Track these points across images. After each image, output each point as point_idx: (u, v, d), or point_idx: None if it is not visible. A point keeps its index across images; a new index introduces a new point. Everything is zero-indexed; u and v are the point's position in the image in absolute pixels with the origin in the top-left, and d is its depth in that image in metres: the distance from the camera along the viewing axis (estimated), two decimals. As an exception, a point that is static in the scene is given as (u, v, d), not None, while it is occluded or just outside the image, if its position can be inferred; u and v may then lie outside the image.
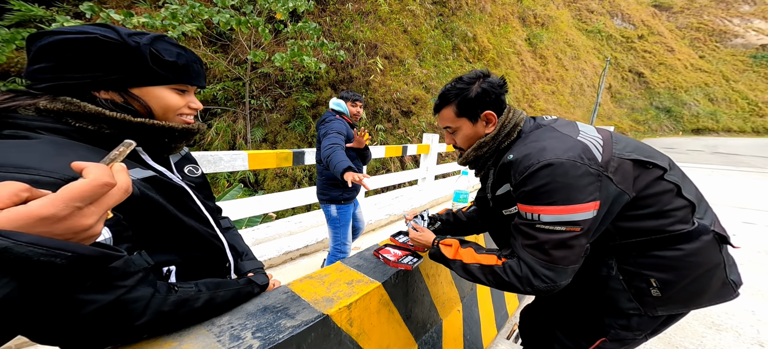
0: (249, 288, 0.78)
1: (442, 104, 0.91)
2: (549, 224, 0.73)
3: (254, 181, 6.68)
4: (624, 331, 0.86)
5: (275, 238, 2.89)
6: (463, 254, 0.90)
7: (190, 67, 0.63)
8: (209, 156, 2.11)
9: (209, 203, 0.75)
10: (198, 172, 0.77)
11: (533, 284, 0.76)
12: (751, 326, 2.03)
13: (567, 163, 0.72)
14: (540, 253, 0.75)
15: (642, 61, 37.00)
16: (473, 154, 0.91)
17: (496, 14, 15.46)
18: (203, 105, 6.79)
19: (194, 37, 5.68)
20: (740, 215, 4.77)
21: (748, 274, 2.78)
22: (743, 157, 14.51)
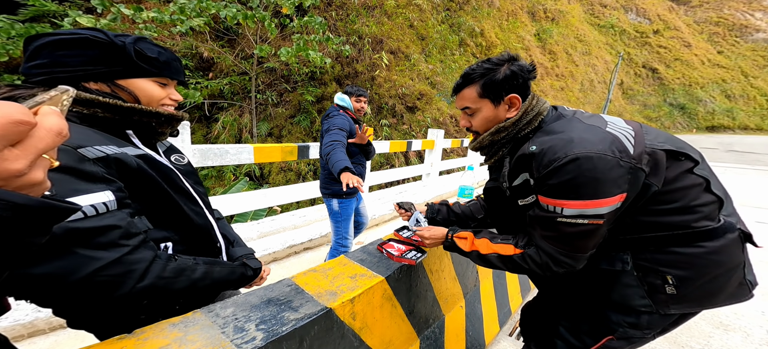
0: (242, 270, 0.82)
1: (464, 84, 0.87)
2: (571, 217, 0.72)
3: (260, 174, 6.74)
4: (632, 329, 0.83)
5: (280, 231, 2.92)
6: (478, 245, 0.91)
7: (170, 64, 0.71)
8: (216, 149, 2.13)
9: (198, 187, 0.81)
10: (184, 161, 0.83)
11: (553, 269, 0.79)
12: (760, 327, 1.99)
13: (595, 157, 0.69)
14: (560, 244, 0.76)
15: (656, 56, 35.95)
16: (489, 138, 0.87)
17: (504, 9, 15.18)
18: (211, 99, 6.86)
19: (202, 31, 5.71)
20: (753, 214, 4.66)
21: (758, 274, 2.70)
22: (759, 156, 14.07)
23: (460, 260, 1.45)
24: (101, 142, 0.57)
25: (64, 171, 0.49)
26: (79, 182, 0.50)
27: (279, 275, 2.44)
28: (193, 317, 0.70)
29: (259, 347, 0.63)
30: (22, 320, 1.53)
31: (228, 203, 2.45)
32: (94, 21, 3.51)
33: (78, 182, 0.50)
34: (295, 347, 0.71)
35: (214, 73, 7.03)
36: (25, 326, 1.54)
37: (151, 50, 0.66)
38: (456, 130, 8.65)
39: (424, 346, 1.20)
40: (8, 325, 1.51)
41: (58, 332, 1.61)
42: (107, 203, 0.53)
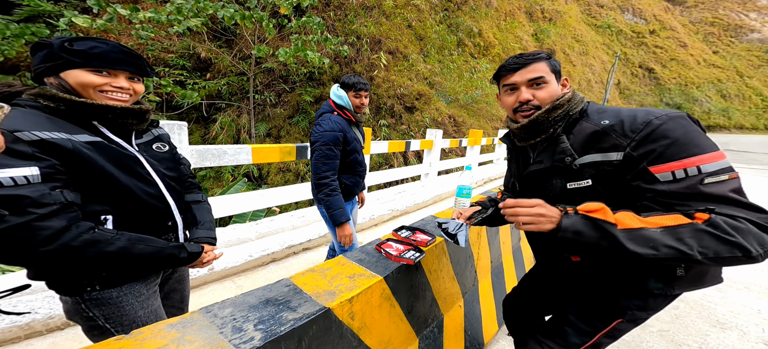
0: (174, 251, 0.88)
1: (533, 59, 0.86)
2: (714, 172, 0.62)
3: (258, 175, 6.73)
4: (640, 311, 0.84)
5: (278, 232, 2.92)
6: (623, 219, 0.67)
7: (105, 55, 0.78)
8: (214, 150, 2.12)
9: (168, 173, 0.93)
10: (164, 149, 0.97)
11: (765, 241, 0.59)
12: (756, 325, 2.01)
13: (685, 115, 0.69)
14: (744, 208, 0.62)
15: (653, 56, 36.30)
16: (545, 115, 0.84)
17: (502, 9, 15.23)
18: (209, 100, 6.83)
19: (199, 31, 5.71)
20: None
21: (754, 273, 2.73)
22: (755, 155, 14.28)
23: (458, 259, 1.45)
24: (47, 128, 0.69)
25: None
26: (6, 158, 0.62)
27: (278, 276, 2.45)
28: (191, 317, 0.70)
29: (257, 347, 0.63)
30: (19, 321, 1.52)
31: (226, 204, 2.45)
32: (90, 21, 3.50)
33: (5, 158, 0.62)
34: (293, 347, 0.71)
35: (211, 74, 7.01)
36: (22, 328, 1.53)
37: (82, 45, 0.76)
38: (454, 130, 8.67)
39: (423, 345, 1.20)
40: (5, 326, 1.50)
41: (55, 333, 1.60)
42: (29, 177, 0.64)
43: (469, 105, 10.16)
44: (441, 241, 1.31)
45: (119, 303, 0.83)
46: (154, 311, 0.92)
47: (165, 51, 6.31)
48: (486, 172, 6.57)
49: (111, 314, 0.83)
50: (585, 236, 0.69)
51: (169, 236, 0.94)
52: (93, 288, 0.80)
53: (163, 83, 4.77)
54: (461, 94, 9.82)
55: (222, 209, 2.44)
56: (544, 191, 0.88)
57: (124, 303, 0.84)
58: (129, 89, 0.83)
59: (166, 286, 1.05)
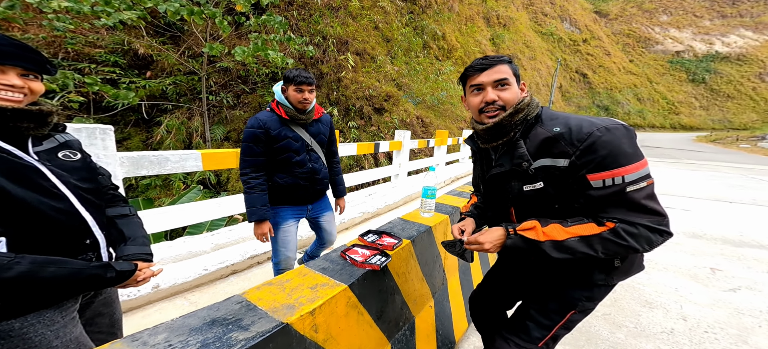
0: (99, 271, 0.78)
1: (497, 61, 0.91)
2: (635, 181, 0.76)
3: (216, 182, 6.24)
4: (588, 302, 0.93)
5: (239, 242, 2.70)
6: (551, 232, 0.83)
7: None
8: (152, 156, 1.87)
9: (81, 184, 0.82)
10: (75, 157, 0.85)
11: (653, 241, 0.77)
12: (675, 302, 2.28)
13: (622, 128, 0.79)
14: (646, 214, 0.77)
15: (586, 63, 40.97)
16: (508, 119, 0.89)
17: (463, 14, 15.96)
18: (151, 101, 6.17)
19: (136, 26, 5.12)
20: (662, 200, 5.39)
21: (671, 255, 3.15)
22: (664, 150, 17.01)
23: (426, 260, 1.44)
24: None
25: None
26: None
27: (240, 288, 2.26)
28: (111, 348, 0.58)
29: (198, 380, 0.54)
30: None
31: (175, 215, 2.20)
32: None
33: None
34: (246, 374, 0.62)
35: (153, 72, 6.33)
36: None
37: None
38: (422, 131, 8.86)
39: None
40: None
41: None
42: None
43: (436, 106, 10.46)
44: (408, 243, 1.29)
45: (24, 335, 0.71)
46: (75, 339, 0.79)
47: (90, 45, 5.53)
48: (453, 171, 6.79)
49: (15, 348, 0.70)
50: (522, 249, 0.87)
51: (88, 256, 0.82)
52: None
53: (87, 81, 4.15)
54: (428, 95, 10.07)
55: (171, 220, 2.19)
56: (504, 192, 0.95)
57: (32, 334, 0.72)
58: (23, 88, 0.72)
59: (89, 310, 0.90)
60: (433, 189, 1.56)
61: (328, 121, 1.81)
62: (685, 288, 2.50)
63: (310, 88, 1.55)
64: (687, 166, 10.36)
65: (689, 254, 3.20)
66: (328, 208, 1.89)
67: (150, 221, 2.07)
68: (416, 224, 1.51)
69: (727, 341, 1.87)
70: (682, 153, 15.64)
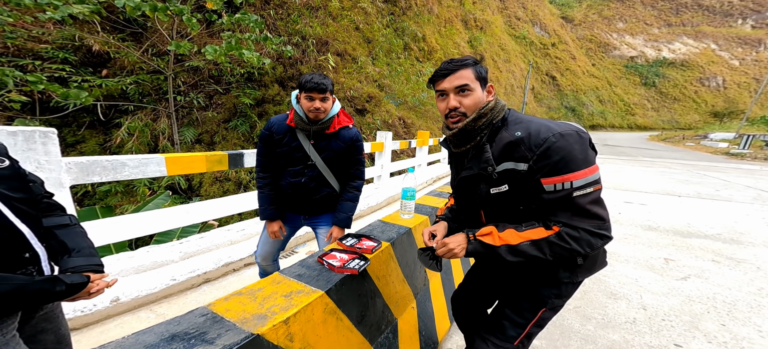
0: (45, 285, 0.72)
1: (461, 66, 0.91)
2: (581, 187, 0.80)
3: (188, 187, 5.90)
4: (557, 299, 0.97)
5: (212, 249, 2.56)
6: (506, 237, 0.88)
7: None
8: (105, 161, 1.70)
9: (13, 194, 0.76)
10: (3, 164, 0.79)
11: (593, 244, 0.82)
12: (636, 293, 2.44)
13: (575, 134, 0.82)
14: (589, 218, 0.81)
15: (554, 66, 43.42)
16: (471, 124, 0.91)
17: (442, 16, 16.30)
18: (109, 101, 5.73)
19: (90, 20, 4.71)
20: (622, 195, 5.85)
21: (630, 247, 3.37)
22: (623, 148, 18.51)
23: (407, 261, 1.43)
24: None
25: None
26: None
27: (213, 298, 2.13)
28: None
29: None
30: None
31: (138, 223, 2.04)
32: None
33: None
34: (211, 394, 0.57)
35: (110, 71, 5.86)
36: None
37: None
38: (404, 132, 8.91)
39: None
40: None
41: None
42: None
43: (417, 107, 10.57)
44: (387, 245, 1.27)
45: None
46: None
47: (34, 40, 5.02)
48: (434, 171, 6.88)
49: None
50: (481, 253, 0.92)
51: (28, 270, 0.76)
52: None
53: (30, 79, 3.75)
54: (409, 96, 10.16)
55: (134, 229, 2.03)
56: (473, 195, 0.97)
57: None
58: None
59: (28, 327, 0.82)
60: (412, 190, 1.56)
61: (348, 139, 1.54)
62: (643, 278, 2.67)
63: (323, 96, 1.38)
64: (642, 164, 11.17)
65: (646, 245, 3.44)
66: (327, 224, 1.67)
67: (110, 229, 1.90)
68: (396, 226, 1.49)
69: (681, 327, 2.02)
70: (638, 151, 16.94)
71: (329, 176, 1.56)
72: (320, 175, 1.54)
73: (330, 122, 1.48)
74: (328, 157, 1.52)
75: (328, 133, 1.49)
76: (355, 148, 1.57)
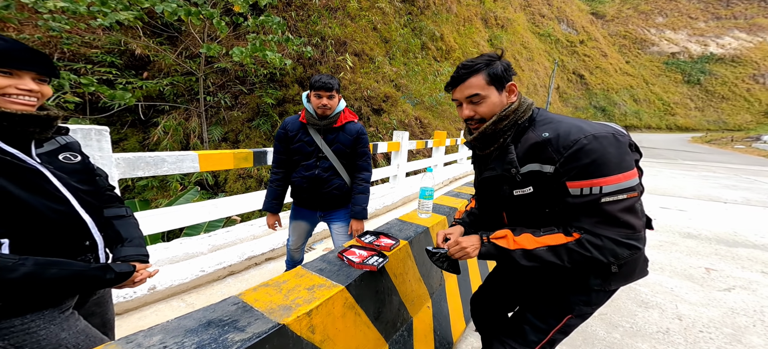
0: (98, 273, 0.79)
1: (469, 73, 0.87)
2: (612, 193, 0.75)
3: (214, 183, 6.21)
4: (586, 306, 0.92)
5: (237, 243, 2.69)
6: (522, 241, 0.85)
7: (9, 53, 0.68)
8: (148, 158, 1.86)
9: (81, 186, 0.83)
10: (76, 160, 0.86)
11: (618, 254, 0.76)
12: (671, 302, 2.30)
13: (611, 136, 0.76)
14: (616, 227, 0.76)
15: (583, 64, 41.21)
16: (492, 127, 0.88)
17: (461, 15, 16.02)
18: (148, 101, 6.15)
19: (132, 26, 5.10)
20: (658, 200, 5.48)
21: (665, 254, 3.16)
22: (660, 150, 17.27)
23: (424, 261, 1.45)
24: None
25: None
26: None
27: (237, 290, 2.25)
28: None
29: (194, 382, 0.54)
30: None
31: (172, 216, 2.19)
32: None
33: None
34: (242, 375, 0.62)
35: (150, 73, 6.31)
36: None
37: None
38: (421, 132, 8.87)
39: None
40: None
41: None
42: None
43: (434, 107, 10.48)
44: (405, 244, 1.29)
45: (28, 330, 0.74)
46: (83, 330, 0.83)
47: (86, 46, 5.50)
48: (451, 171, 6.80)
49: (23, 342, 0.73)
50: (494, 255, 0.90)
51: (87, 257, 0.83)
52: None
53: (83, 82, 4.13)
54: (426, 96, 10.09)
55: (168, 221, 2.18)
56: (496, 196, 0.94)
57: (36, 328, 0.75)
58: (37, 92, 0.73)
59: (81, 310, 0.91)
60: (430, 190, 1.57)
61: (354, 132, 1.69)
62: (680, 288, 2.51)
63: (329, 94, 1.53)
64: (682, 167, 10.45)
65: (684, 253, 3.22)
66: (340, 219, 1.81)
67: (146, 222, 2.06)
68: (414, 225, 1.51)
69: (721, 340, 1.89)
70: (678, 154, 15.80)
71: (340, 167, 1.71)
72: (331, 166, 1.69)
73: (337, 117, 1.63)
74: (337, 150, 1.68)
75: (335, 127, 1.65)
76: (360, 140, 1.71)
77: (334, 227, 1.83)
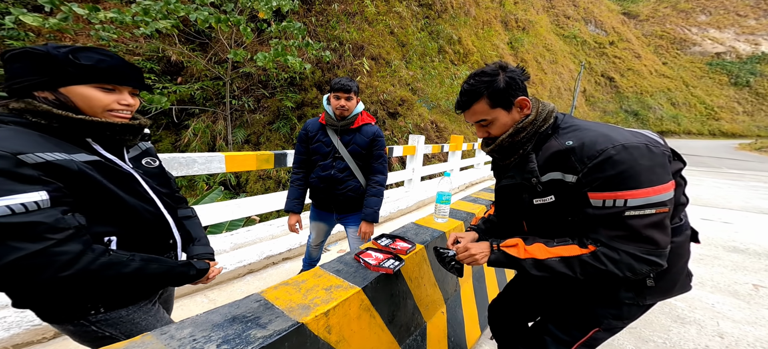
0: (184, 269, 0.86)
1: (471, 100, 0.85)
2: (638, 207, 0.70)
3: (236, 183, 6.47)
4: (615, 320, 0.88)
5: (256, 242, 2.79)
6: (533, 251, 0.82)
7: (112, 70, 0.73)
8: (181, 158, 1.98)
9: (162, 189, 0.89)
10: (155, 164, 0.92)
11: (636, 269, 0.72)
12: (711, 319, 2.13)
13: (643, 147, 0.71)
14: (637, 242, 0.72)
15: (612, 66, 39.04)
16: (508, 140, 0.85)
17: (480, 18, 15.80)
18: (180, 105, 6.53)
19: (170, 34, 5.45)
20: (699, 211, 5.08)
21: (707, 269, 2.93)
22: (701, 158, 15.85)
23: (439, 266, 1.44)
24: (47, 148, 0.64)
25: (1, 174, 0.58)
26: (12, 183, 0.58)
27: (255, 288, 2.33)
28: (142, 341, 0.63)
29: (220, 372, 0.58)
30: None
31: (200, 214, 2.31)
32: (41, 20, 3.23)
33: (12, 183, 0.58)
34: (262, 369, 0.65)
35: (183, 78, 6.71)
36: None
37: (88, 59, 0.69)
38: (437, 136, 8.81)
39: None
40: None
41: None
42: (39, 202, 0.60)
43: (451, 111, 10.38)
44: (421, 248, 1.29)
45: (133, 320, 0.83)
46: (167, 321, 0.91)
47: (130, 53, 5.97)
48: (467, 176, 6.69)
49: (130, 332, 0.81)
50: (504, 263, 0.88)
51: (170, 254, 0.91)
52: (97, 311, 0.77)
53: None
54: (443, 100, 10.02)
55: (195, 219, 2.31)
56: (515, 204, 0.92)
57: (138, 319, 0.83)
58: (133, 105, 0.80)
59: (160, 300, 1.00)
60: (447, 195, 1.56)
61: (370, 134, 1.70)
62: (722, 304, 2.33)
63: (347, 95, 1.58)
64: (727, 176, 9.64)
65: (728, 268, 2.98)
66: (356, 224, 1.84)
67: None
68: (430, 229, 1.51)
69: (769, 363, 1.73)
70: (722, 162, 14.55)
71: (355, 169, 1.73)
72: (347, 167, 1.72)
73: (354, 119, 1.67)
74: (353, 151, 1.70)
75: (352, 129, 1.69)
76: (376, 142, 1.72)
77: (350, 230, 1.86)
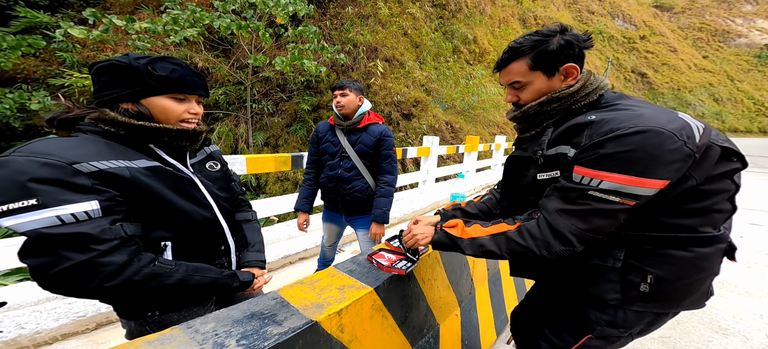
0: (228, 281, 0.86)
1: (511, 58, 0.80)
2: (605, 191, 0.66)
3: (256, 185, 6.70)
4: (610, 328, 0.81)
5: (274, 242, 2.88)
6: (470, 231, 0.84)
7: (183, 80, 0.76)
8: (207, 161, 2.11)
9: (221, 193, 0.90)
10: (217, 168, 0.94)
11: (551, 247, 0.71)
12: (759, 331, 1.97)
13: (665, 134, 0.63)
14: (577, 220, 0.69)
15: (644, 61, 36.73)
16: (536, 108, 0.80)
17: (496, 16, 15.46)
18: (206, 110, 6.85)
19: (196, 41, 5.75)
20: (748, 216, 4.69)
21: (755, 277, 2.71)
22: (750, 158, 14.38)
23: (453, 268, 1.43)
24: (105, 156, 0.66)
25: (55, 184, 0.59)
26: (67, 193, 0.60)
27: (273, 286, 2.41)
28: (170, 334, 0.67)
29: (239, 364, 0.61)
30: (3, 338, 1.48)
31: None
32: (86, 33, 3.52)
33: (66, 193, 0.60)
34: (278, 364, 0.68)
35: (209, 84, 7.06)
36: (8, 344, 1.49)
37: (163, 69, 0.73)
38: (452, 137, 8.70)
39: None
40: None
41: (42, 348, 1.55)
42: (89, 211, 0.62)
43: (466, 111, 10.22)
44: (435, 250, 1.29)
45: None
46: None
47: None
48: (483, 178, 6.57)
49: None
50: (445, 244, 0.89)
51: (222, 261, 0.91)
52: (154, 313, 0.80)
53: None
54: (458, 100, 9.88)
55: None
56: (518, 179, 0.89)
57: None
58: (199, 113, 0.82)
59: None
60: (461, 196, 1.55)
61: (377, 133, 1.71)
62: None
63: (342, 92, 1.63)
64: None
65: None
66: (365, 226, 1.84)
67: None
68: (443, 232, 1.50)
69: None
70: (775, 161, 13.24)
71: (363, 169, 1.74)
72: (354, 167, 1.73)
73: (360, 118, 1.69)
74: (360, 150, 1.72)
75: (358, 128, 1.71)
76: (383, 142, 1.73)
77: (360, 233, 1.86)
